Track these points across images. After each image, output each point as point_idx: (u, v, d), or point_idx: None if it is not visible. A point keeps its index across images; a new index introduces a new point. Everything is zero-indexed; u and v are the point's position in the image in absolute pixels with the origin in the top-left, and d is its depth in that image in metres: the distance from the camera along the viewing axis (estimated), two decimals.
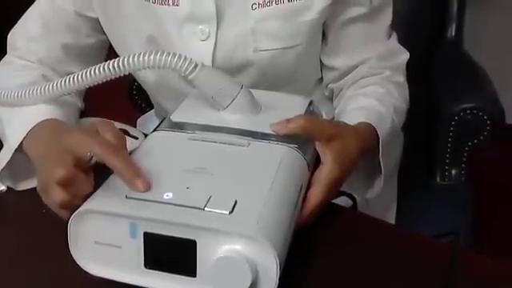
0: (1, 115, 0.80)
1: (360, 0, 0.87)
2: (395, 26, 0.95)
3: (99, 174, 0.64)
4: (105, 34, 0.94)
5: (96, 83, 0.71)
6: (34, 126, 0.74)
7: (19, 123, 0.75)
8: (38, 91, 0.75)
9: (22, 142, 0.74)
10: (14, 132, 0.75)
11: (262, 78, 0.89)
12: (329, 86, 0.98)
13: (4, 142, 0.78)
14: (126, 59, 0.67)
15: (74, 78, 0.71)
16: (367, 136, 0.79)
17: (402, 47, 0.96)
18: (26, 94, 0.76)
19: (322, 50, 0.94)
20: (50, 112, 0.76)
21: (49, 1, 0.91)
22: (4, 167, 0.76)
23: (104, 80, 0.69)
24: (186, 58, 0.67)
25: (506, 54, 2.14)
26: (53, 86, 0.74)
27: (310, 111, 0.78)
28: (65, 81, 0.72)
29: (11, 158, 0.75)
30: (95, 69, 0.69)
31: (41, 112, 0.75)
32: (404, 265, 0.67)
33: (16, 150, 0.74)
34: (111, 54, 0.94)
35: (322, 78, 0.99)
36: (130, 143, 0.74)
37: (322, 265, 0.66)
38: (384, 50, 0.93)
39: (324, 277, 0.65)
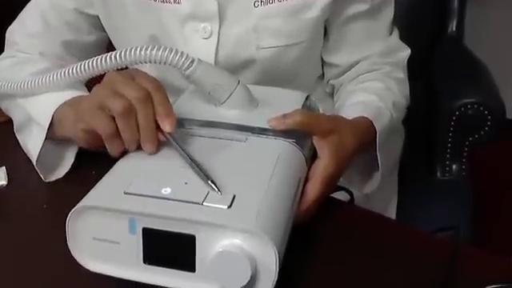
0: (23, 105, 0.79)
1: None
2: (396, 21, 0.95)
3: (98, 169, 0.64)
4: (105, 31, 0.94)
5: (93, 75, 0.71)
6: (62, 103, 0.74)
7: (46, 102, 0.75)
8: (54, 77, 0.75)
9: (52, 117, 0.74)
10: (43, 110, 0.75)
11: (265, 75, 0.89)
12: (330, 81, 0.98)
13: (29, 132, 0.79)
14: (123, 52, 0.67)
15: (73, 68, 0.71)
16: (364, 130, 0.78)
17: (403, 43, 0.96)
18: (44, 81, 0.75)
19: (324, 47, 0.94)
20: (76, 92, 0.76)
21: None
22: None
23: (101, 72, 0.69)
24: (182, 54, 0.67)
25: (506, 49, 2.14)
26: (61, 73, 0.74)
27: (307, 106, 0.78)
28: (68, 70, 0.72)
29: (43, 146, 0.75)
30: (92, 61, 0.69)
31: (66, 92, 0.76)
32: (404, 260, 0.67)
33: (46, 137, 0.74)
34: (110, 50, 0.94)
35: (323, 75, 0.99)
36: None
37: (322, 259, 0.66)
38: (385, 46, 0.93)
39: (323, 271, 0.65)
